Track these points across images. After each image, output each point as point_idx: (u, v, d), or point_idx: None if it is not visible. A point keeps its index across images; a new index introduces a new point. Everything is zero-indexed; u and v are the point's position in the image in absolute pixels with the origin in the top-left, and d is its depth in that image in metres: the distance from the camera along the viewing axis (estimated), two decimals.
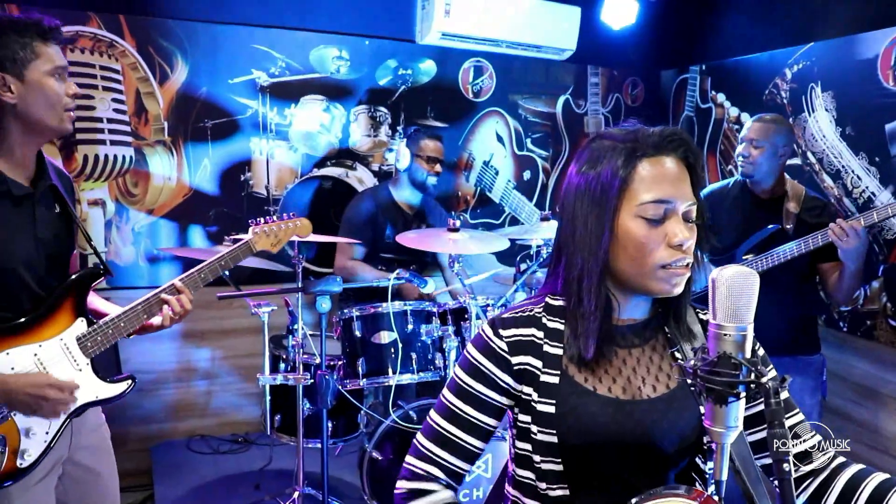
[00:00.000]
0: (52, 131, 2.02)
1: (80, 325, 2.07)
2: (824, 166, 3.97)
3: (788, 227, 3.13)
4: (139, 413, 4.11)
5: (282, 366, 3.36)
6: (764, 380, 1.14)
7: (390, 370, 3.11)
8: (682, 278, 1.35)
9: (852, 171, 3.82)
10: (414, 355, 3.14)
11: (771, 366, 1.41)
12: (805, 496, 1.44)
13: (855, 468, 1.41)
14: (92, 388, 2.09)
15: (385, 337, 3.12)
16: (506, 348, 1.41)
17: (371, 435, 3.17)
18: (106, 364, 2.20)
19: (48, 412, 1.96)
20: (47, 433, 1.99)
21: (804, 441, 1.44)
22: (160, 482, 3.80)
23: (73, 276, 2.08)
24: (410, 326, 3.15)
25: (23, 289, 1.98)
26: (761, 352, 1.47)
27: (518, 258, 3.81)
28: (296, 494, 3.22)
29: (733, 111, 4.65)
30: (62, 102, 1.97)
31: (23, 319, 1.98)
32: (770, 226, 3.14)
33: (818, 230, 2.96)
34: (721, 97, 4.76)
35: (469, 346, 1.48)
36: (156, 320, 2.24)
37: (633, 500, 1.32)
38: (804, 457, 1.42)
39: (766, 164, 3.15)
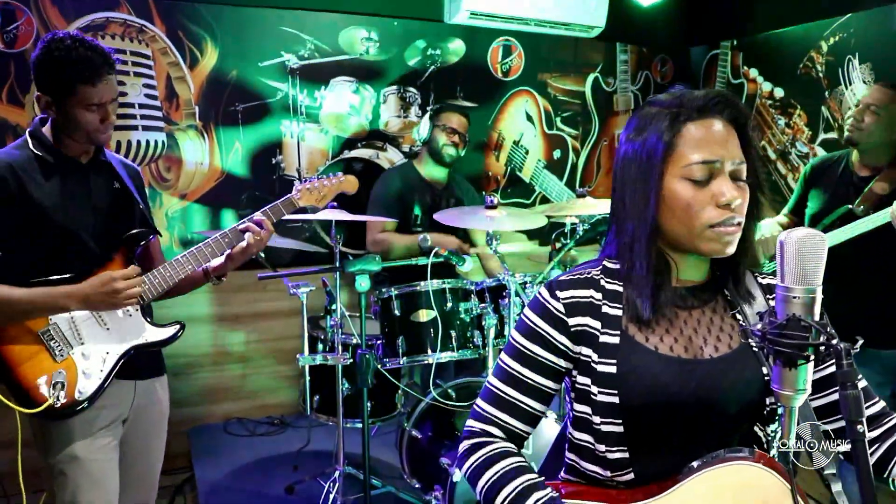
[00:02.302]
0: (86, 142, 2.21)
1: None
2: None
3: (860, 208, 2.87)
4: (175, 396, 4.03)
5: (319, 346, 3.37)
6: (835, 341, 1.13)
7: (429, 349, 3.11)
8: (733, 237, 1.34)
9: None
10: (453, 333, 3.12)
11: None
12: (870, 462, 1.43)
13: None
14: (141, 330, 2.27)
15: (424, 315, 3.11)
16: (562, 310, 1.42)
17: (410, 414, 3.17)
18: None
19: (123, 300, 2.16)
20: (101, 372, 2.17)
21: (869, 406, 1.43)
22: (199, 464, 3.83)
23: (126, 235, 2.27)
24: (449, 304, 3.13)
25: (83, 249, 2.19)
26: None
27: (553, 236, 3.79)
28: (336, 474, 3.23)
29: (766, 86, 4.60)
30: (94, 128, 2.15)
31: (78, 272, 2.17)
32: (843, 207, 2.91)
33: None
34: (753, 72, 4.70)
35: (526, 310, 1.48)
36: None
37: (695, 463, 1.32)
38: (869, 422, 1.41)
39: (877, 135, 2.87)
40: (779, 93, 4.49)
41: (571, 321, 1.41)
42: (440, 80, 4.60)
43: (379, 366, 3.07)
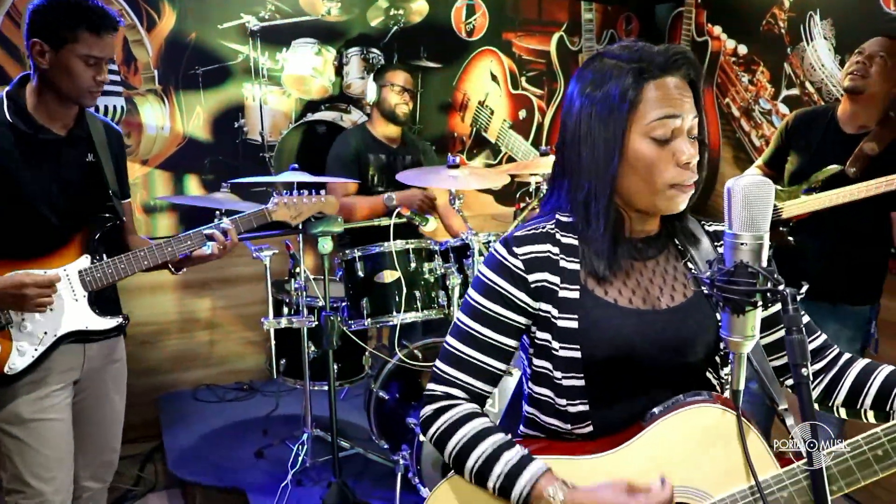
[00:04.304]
0: (73, 101, 2.17)
1: (84, 261, 2.24)
2: (823, 96, 3.94)
3: (852, 170, 2.79)
4: (144, 365, 4.11)
5: (285, 310, 3.36)
6: (781, 287, 1.14)
7: (394, 309, 3.11)
8: (687, 195, 1.35)
9: None
10: (417, 294, 3.12)
11: None
12: (815, 395, 1.47)
13: (862, 363, 1.44)
14: (83, 317, 2.24)
15: (388, 276, 3.11)
16: (521, 266, 1.40)
17: (377, 376, 3.18)
18: (110, 310, 2.31)
19: (31, 306, 2.10)
20: (36, 350, 2.17)
21: (812, 341, 1.47)
22: (168, 432, 3.83)
23: (90, 218, 2.27)
24: (413, 265, 3.13)
25: (42, 224, 2.17)
26: None
27: (517, 195, 3.78)
28: (305, 437, 3.24)
29: (730, 43, 4.59)
30: (85, 84, 2.11)
31: (35, 251, 2.18)
32: (832, 168, 2.82)
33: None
34: (717, 30, 4.69)
35: (481, 267, 1.46)
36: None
37: (657, 410, 1.34)
38: (813, 355, 1.45)
39: (877, 85, 2.79)
40: (742, 50, 4.49)
41: (531, 277, 1.40)
42: (404, 40, 4.55)
43: (344, 328, 3.07)
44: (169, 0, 3.92)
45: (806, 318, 1.43)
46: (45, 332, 2.18)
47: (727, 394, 1.40)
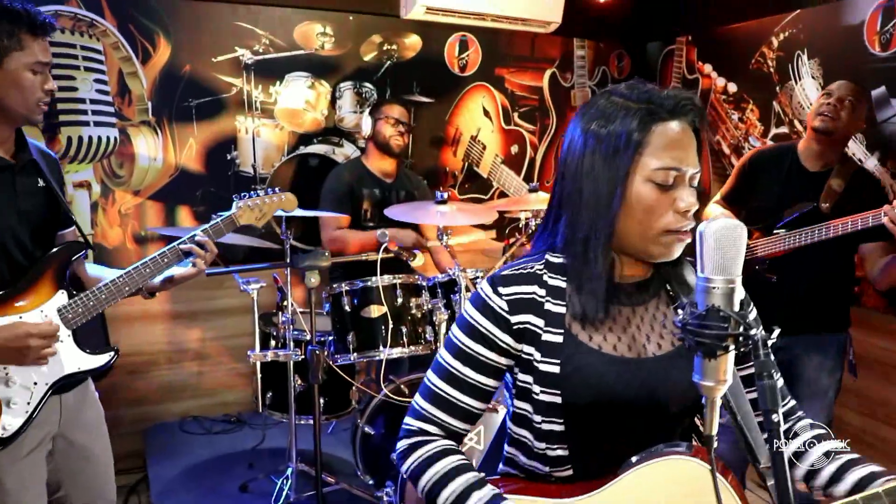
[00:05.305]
0: (21, 118, 2.03)
1: (61, 297, 2.08)
2: None
3: (825, 205, 2.89)
4: (131, 395, 4.09)
5: (272, 343, 3.35)
6: (752, 332, 1.14)
7: (380, 344, 3.10)
8: (682, 243, 1.35)
9: None
10: (404, 329, 3.12)
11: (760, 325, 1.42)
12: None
13: (824, 447, 1.41)
14: (74, 359, 2.10)
15: (375, 311, 3.11)
16: (505, 307, 1.39)
17: (363, 411, 3.17)
18: (95, 343, 2.20)
19: (33, 360, 1.95)
20: (28, 404, 2.00)
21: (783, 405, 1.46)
22: (154, 464, 3.79)
23: (54, 250, 2.10)
24: (400, 300, 3.13)
25: (5, 259, 2.01)
26: (753, 313, 1.47)
27: (507, 230, 3.80)
28: (289, 471, 3.22)
29: (720, 81, 4.64)
30: (35, 96, 1.99)
31: (3, 291, 2.00)
32: (806, 204, 2.91)
33: (865, 211, 2.65)
34: (708, 68, 4.74)
35: (466, 305, 1.45)
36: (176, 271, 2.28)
37: (634, 459, 1.33)
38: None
39: (845, 128, 2.92)
40: (732, 87, 4.54)
41: (514, 318, 1.39)
42: (396, 75, 4.58)
43: (330, 362, 3.06)
44: (164, 33, 3.95)
45: (781, 381, 1.44)
46: (36, 383, 2.01)
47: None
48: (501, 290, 1.40)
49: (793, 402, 1.50)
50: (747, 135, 4.43)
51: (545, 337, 1.37)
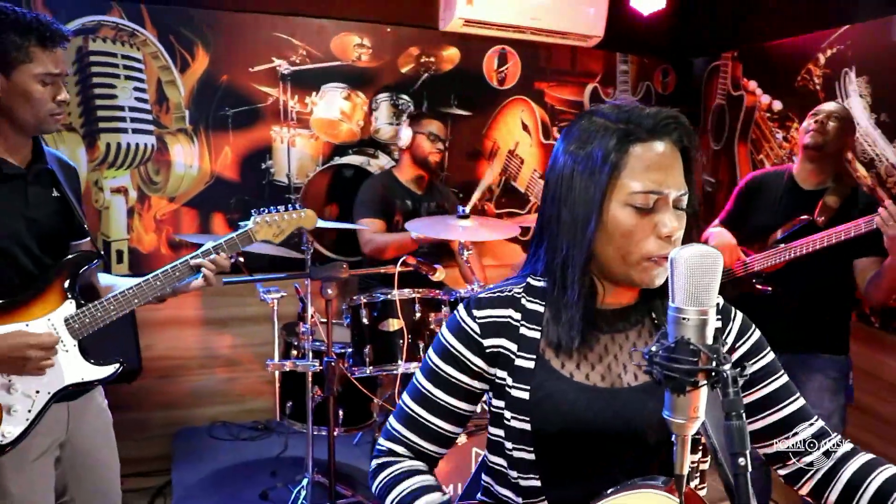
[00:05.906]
0: (33, 129, 2.05)
1: (69, 307, 2.09)
2: (857, 155, 3.83)
3: (820, 219, 2.96)
4: (161, 399, 4.15)
5: (293, 353, 3.36)
6: (723, 367, 1.07)
7: (399, 358, 3.08)
8: (666, 270, 1.28)
9: (886, 160, 3.67)
10: (421, 344, 3.10)
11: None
12: (808, 488, 1.38)
13: (862, 460, 1.35)
14: (78, 369, 2.10)
15: (393, 325, 3.09)
16: (477, 330, 1.36)
17: (382, 424, 3.14)
18: (125, 348, 2.20)
19: (31, 370, 1.97)
20: (29, 412, 2.01)
21: (796, 434, 1.38)
22: (179, 468, 3.83)
23: (66, 259, 2.12)
24: (418, 314, 3.11)
25: (13, 266, 2.03)
26: (755, 336, 1.43)
27: None
28: (305, 481, 3.22)
29: (765, 98, 4.52)
30: (45, 107, 2.00)
31: (11, 299, 2.02)
32: (802, 218, 3.00)
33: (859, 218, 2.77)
34: (753, 84, 4.62)
35: (443, 328, 1.43)
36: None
37: (609, 491, 1.27)
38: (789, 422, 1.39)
39: (836, 144, 3.01)
40: (777, 105, 4.41)
41: (486, 342, 1.36)
42: (433, 87, 4.57)
43: (348, 374, 3.05)
44: (203, 43, 4.01)
45: (785, 379, 1.41)
46: (38, 391, 2.02)
47: (695, 482, 1.34)
48: (476, 312, 1.38)
49: (821, 423, 1.41)
50: (791, 154, 4.30)
51: (518, 362, 1.34)
